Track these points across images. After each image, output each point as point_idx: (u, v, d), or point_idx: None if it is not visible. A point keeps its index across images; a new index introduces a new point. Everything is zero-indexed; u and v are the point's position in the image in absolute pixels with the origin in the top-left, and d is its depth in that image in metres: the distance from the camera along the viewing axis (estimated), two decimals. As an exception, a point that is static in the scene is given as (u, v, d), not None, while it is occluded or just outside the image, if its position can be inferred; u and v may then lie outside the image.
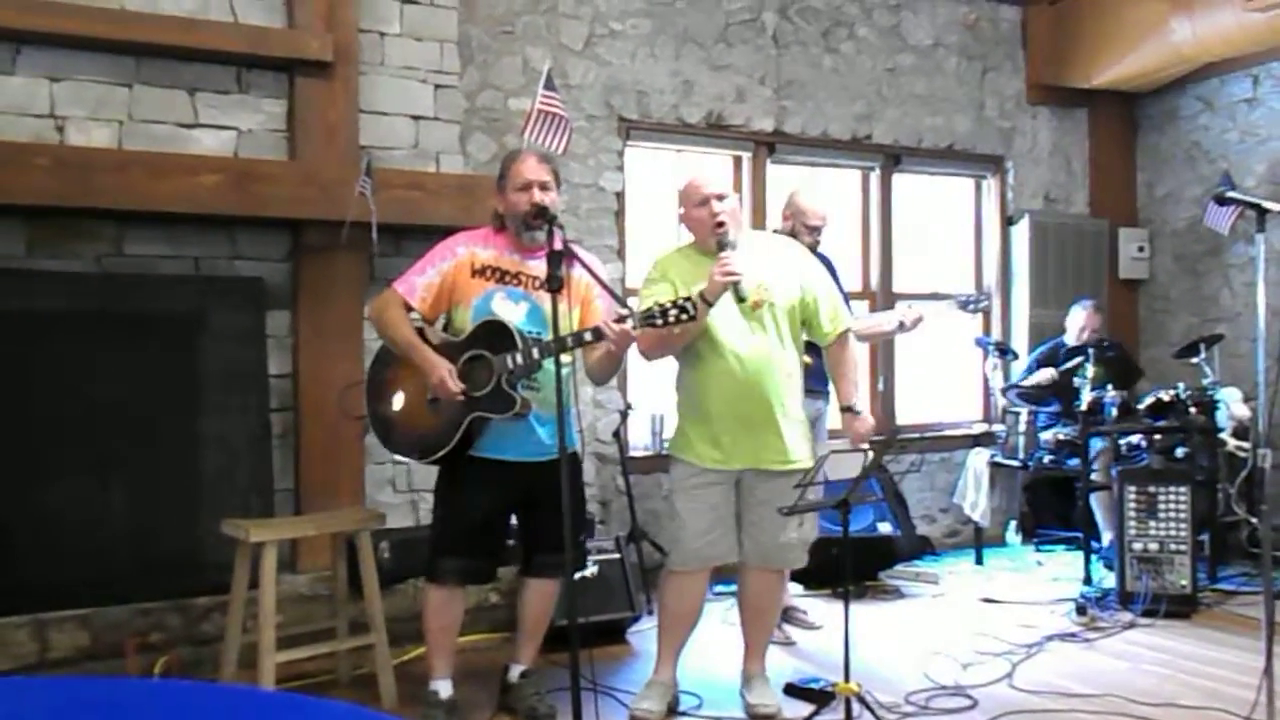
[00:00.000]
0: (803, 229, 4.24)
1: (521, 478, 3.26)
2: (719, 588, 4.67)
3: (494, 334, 3.18)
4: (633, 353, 3.33)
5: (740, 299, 3.12)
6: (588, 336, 3.09)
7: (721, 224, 3.26)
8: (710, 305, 3.16)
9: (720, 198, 3.30)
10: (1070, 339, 5.78)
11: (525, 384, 3.19)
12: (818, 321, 3.42)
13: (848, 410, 3.43)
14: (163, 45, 3.89)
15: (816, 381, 3.76)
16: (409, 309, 3.27)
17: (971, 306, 4.69)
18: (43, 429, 3.78)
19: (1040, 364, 5.73)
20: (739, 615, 3.59)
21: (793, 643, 4.23)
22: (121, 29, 3.82)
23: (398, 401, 3.32)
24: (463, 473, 3.28)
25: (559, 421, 2.92)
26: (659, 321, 2.98)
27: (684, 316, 2.96)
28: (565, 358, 3.14)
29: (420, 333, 3.28)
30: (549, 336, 3.10)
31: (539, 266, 3.24)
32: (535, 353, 3.12)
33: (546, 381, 3.15)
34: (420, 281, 3.28)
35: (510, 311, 3.24)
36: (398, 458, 4.23)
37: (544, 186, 3.24)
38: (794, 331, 3.37)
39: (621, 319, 3.05)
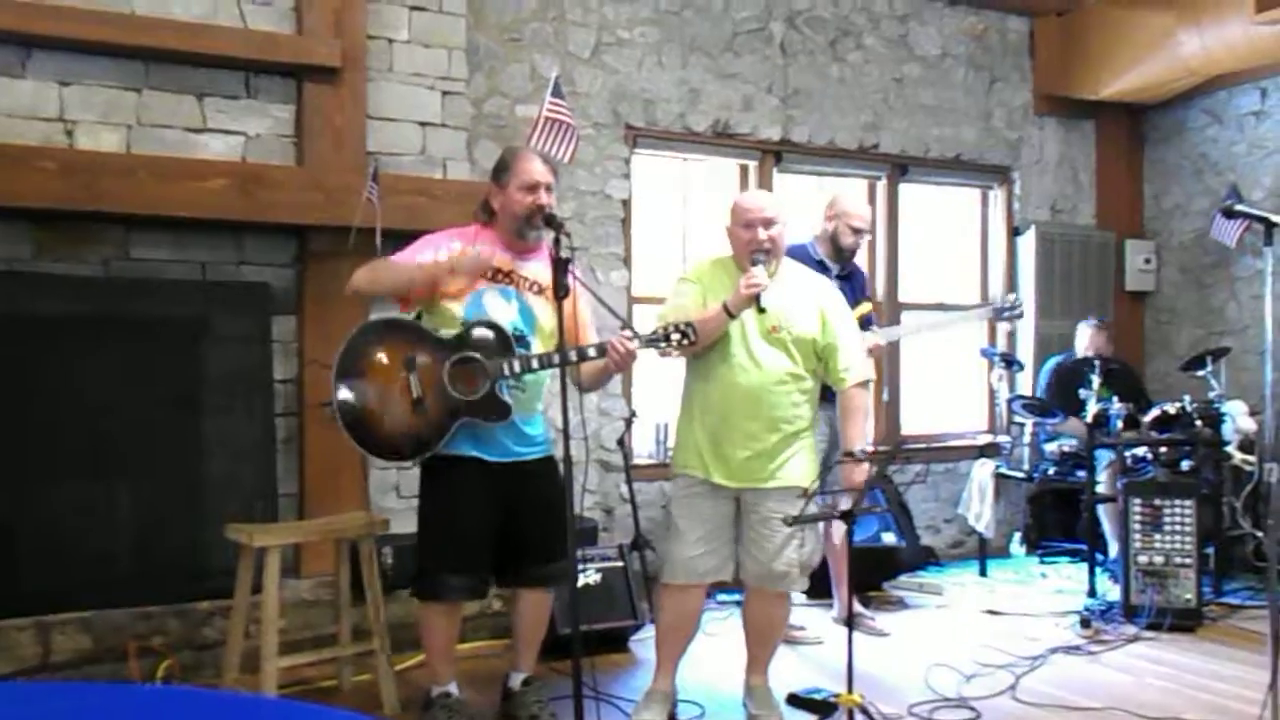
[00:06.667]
0: (845, 229, 4.29)
1: (505, 481, 3.20)
2: (721, 596, 4.68)
3: (486, 337, 3.12)
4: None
5: (761, 310, 3.20)
6: (591, 353, 3.08)
7: (763, 250, 3.28)
8: (732, 316, 3.22)
9: (768, 224, 3.30)
10: (1079, 352, 5.76)
11: (510, 385, 3.15)
12: (833, 366, 3.39)
13: (849, 455, 3.37)
14: (172, 50, 3.90)
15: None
16: None
17: (1007, 314, 4.83)
18: (47, 432, 3.78)
19: (1053, 388, 5.70)
20: (743, 630, 3.56)
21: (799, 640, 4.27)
22: (131, 34, 3.83)
23: (374, 396, 3.12)
24: (448, 479, 3.19)
25: (564, 425, 2.76)
26: (661, 345, 3.06)
27: (684, 342, 3.08)
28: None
29: (398, 321, 3.24)
30: (535, 337, 3.18)
31: (531, 269, 3.27)
32: (535, 363, 3.10)
33: (530, 383, 3.19)
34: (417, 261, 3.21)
35: (502, 310, 3.20)
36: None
37: (549, 189, 3.24)
38: (807, 361, 3.35)
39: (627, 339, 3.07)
